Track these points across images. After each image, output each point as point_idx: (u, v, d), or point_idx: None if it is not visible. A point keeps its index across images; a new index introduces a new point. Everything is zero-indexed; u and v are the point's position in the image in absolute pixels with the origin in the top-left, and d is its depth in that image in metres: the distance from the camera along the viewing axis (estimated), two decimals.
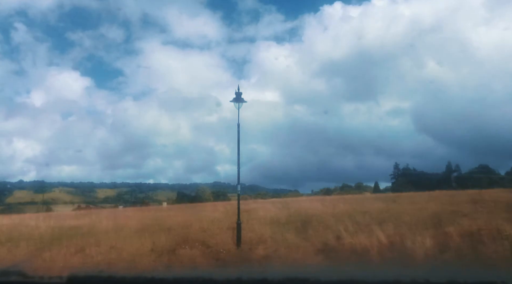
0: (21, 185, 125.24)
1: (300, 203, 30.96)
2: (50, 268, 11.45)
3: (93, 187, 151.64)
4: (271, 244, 12.71)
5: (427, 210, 19.16)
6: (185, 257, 12.03)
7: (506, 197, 23.03)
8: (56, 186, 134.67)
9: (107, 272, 3.43)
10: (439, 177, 69.92)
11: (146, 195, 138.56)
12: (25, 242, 16.04)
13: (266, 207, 26.68)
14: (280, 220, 18.76)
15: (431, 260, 10.10)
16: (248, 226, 15.62)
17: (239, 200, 15.86)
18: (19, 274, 3.36)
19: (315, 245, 12.18)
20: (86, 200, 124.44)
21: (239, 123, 15.19)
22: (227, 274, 3.26)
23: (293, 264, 10.81)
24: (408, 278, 2.88)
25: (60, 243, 15.27)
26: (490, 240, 10.76)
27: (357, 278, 3.17)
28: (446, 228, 12.82)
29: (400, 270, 9.23)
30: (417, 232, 12.19)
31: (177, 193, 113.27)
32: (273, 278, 3.00)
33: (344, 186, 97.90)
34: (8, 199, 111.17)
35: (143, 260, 11.98)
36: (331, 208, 22.88)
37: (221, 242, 13.50)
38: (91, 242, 14.74)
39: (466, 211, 17.30)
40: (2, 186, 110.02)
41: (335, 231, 13.50)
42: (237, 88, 15.20)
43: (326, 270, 9.62)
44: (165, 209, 42.18)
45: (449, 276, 3.04)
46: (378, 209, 20.86)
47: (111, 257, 12.65)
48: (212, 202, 47.23)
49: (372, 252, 11.03)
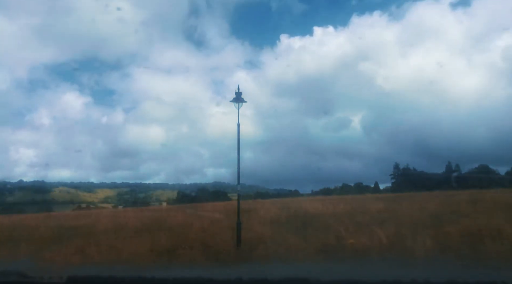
0: (21, 185, 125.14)
1: (300, 203, 30.98)
2: (50, 268, 11.46)
3: (93, 187, 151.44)
4: (271, 244, 12.69)
5: (427, 210, 19.17)
6: (185, 257, 12.02)
7: (506, 197, 23.04)
8: (56, 186, 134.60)
9: (107, 272, 3.42)
10: (439, 177, 69.92)
11: (146, 195, 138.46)
12: (25, 242, 16.05)
13: (266, 207, 26.68)
14: (280, 220, 18.76)
15: (431, 260, 10.10)
16: (248, 226, 15.61)
17: (239, 200, 15.85)
18: (19, 274, 3.36)
19: (315, 245, 12.17)
20: (86, 200, 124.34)
21: (239, 123, 15.19)
22: (227, 274, 3.26)
23: (293, 264, 10.81)
24: (408, 278, 2.88)
25: (60, 243, 15.27)
26: (490, 240, 10.76)
27: (357, 278, 3.17)
28: (446, 228, 12.83)
29: (400, 270, 9.26)
30: (417, 232, 12.18)
31: (177, 193, 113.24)
32: (273, 278, 3.00)
33: (344, 186, 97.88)
34: (8, 199, 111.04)
35: (143, 260, 11.97)
36: (331, 208, 22.90)
37: (221, 242, 13.49)
38: (91, 242, 14.73)
39: (466, 211, 17.31)
40: (2, 186, 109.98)
41: (335, 231, 13.50)
42: (237, 89, 15.18)
43: (326, 270, 9.65)
44: (165, 209, 42.21)
45: (449, 276, 3.04)
46: (378, 209, 20.87)
47: (111, 257, 12.64)
48: (212, 202, 47.19)
49: (372, 252, 11.03)
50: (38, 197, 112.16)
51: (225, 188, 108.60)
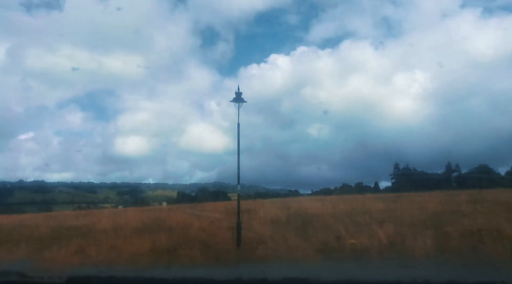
0: (21, 185, 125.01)
1: (300, 203, 30.99)
2: (50, 268, 11.46)
3: (93, 187, 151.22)
4: (271, 244, 12.69)
5: (427, 210, 19.17)
6: (185, 257, 12.02)
7: (506, 197, 23.05)
8: (56, 186, 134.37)
9: (107, 272, 3.43)
10: (439, 177, 69.91)
11: (146, 195, 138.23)
12: (25, 242, 16.06)
13: (266, 207, 26.68)
14: (280, 220, 18.77)
15: (431, 260, 10.10)
16: (248, 226, 15.62)
17: (239, 200, 15.85)
18: (19, 274, 3.36)
19: (315, 245, 12.17)
20: (86, 200, 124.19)
21: (239, 123, 15.20)
22: (227, 274, 3.26)
23: (293, 264, 10.81)
24: (408, 278, 2.88)
25: (60, 243, 15.27)
26: (490, 240, 10.76)
27: (357, 278, 3.17)
28: (446, 228, 12.83)
29: (400, 270, 9.26)
30: (417, 232, 12.19)
31: (177, 193, 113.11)
32: (273, 278, 3.00)
33: (344, 186, 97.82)
34: (8, 199, 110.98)
35: (143, 260, 11.97)
36: (331, 208, 22.91)
37: (221, 242, 13.50)
38: (91, 242, 14.74)
39: (466, 211, 17.31)
40: (2, 186, 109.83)
41: (335, 231, 13.50)
42: (237, 89, 15.19)
43: (326, 270, 9.65)
44: (165, 209, 42.18)
45: (449, 276, 3.04)
46: (378, 209, 20.87)
47: (111, 257, 12.65)
48: (212, 202, 47.20)
49: (372, 252, 11.02)
50: (38, 197, 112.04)
51: (225, 188, 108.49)
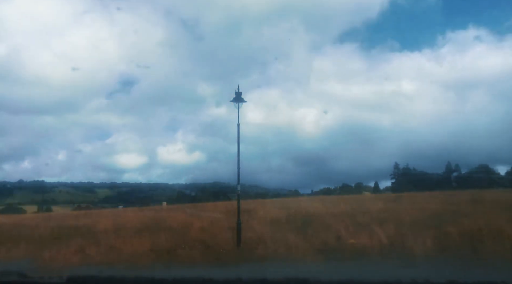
0: (21, 185, 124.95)
1: (300, 203, 30.96)
2: (50, 268, 11.46)
3: (93, 187, 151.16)
4: (271, 244, 12.70)
5: (427, 210, 19.16)
6: (185, 257, 12.03)
7: (506, 197, 23.06)
8: (56, 186, 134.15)
9: (107, 272, 3.43)
10: (439, 177, 69.84)
11: (146, 194, 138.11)
12: (25, 242, 16.04)
13: (266, 207, 26.68)
14: (280, 220, 18.75)
15: (431, 260, 10.10)
16: (248, 226, 15.61)
17: (239, 200, 15.84)
18: (19, 274, 3.35)
19: (315, 245, 12.18)
20: (86, 200, 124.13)
21: (239, 123, 15.20)
22: (227, 274, 3.26)
23: (293, 264, 10.81)
24: (408, 278, 2.88)
25: (60, 243, 15.26)
26: (490, 240, 10.77)
27: (357, 278, 3.16)
28: (446, 228, 12.82)
29: (400, 270, 9.26)
30: (417, 232, 12.19)
31: (177, 193, 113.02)
32: (273, 278, 3.00)
33: (344, 186, 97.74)
34: (8, 199, 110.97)
35: (143, 260, 11.97)
36: (331, 208, 22.89)
37: (221, 242, 13.50)
38: (91, 242, 14.73)
39: (466, 211, 17.30)
40: (2, 186, 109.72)
41: (335, 231, 13.50)
42: (237, 88, 15.19)
43: (326, 270, 9.65)
44: (165, 208, 42.13)
45: (449, 276, 3.04)
46: (378, 209, 20.86)
47: (111, 257, 12.65)
48: (212, 202, 47.16)
49: (372, 252, 11.03)
50: (38, 197, 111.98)
51: (225, 188, 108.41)
